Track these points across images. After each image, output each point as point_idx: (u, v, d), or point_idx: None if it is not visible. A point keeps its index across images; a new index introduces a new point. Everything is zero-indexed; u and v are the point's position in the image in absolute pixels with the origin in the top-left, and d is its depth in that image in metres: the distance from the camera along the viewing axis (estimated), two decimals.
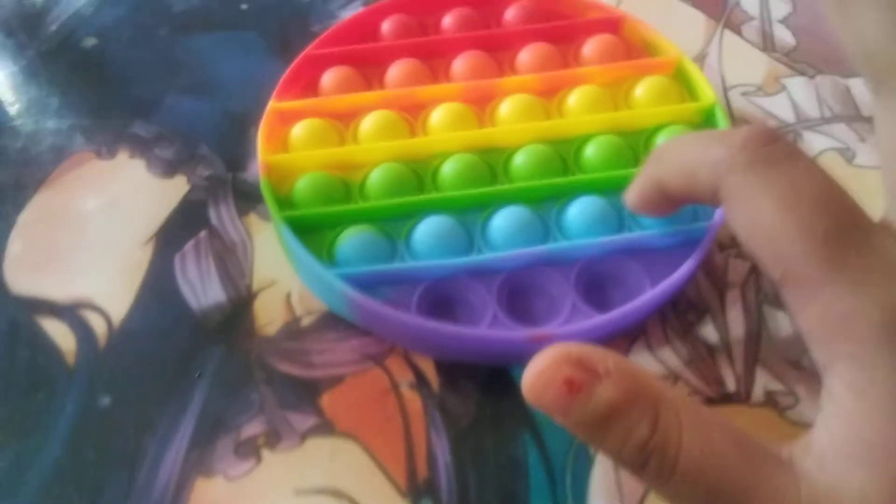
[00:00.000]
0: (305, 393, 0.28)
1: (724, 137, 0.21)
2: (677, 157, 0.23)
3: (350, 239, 0.29)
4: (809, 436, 0.19)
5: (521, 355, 0.28)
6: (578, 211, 0.30)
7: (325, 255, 0.30)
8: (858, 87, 0.38)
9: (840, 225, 0.18)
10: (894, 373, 0.17)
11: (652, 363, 0.29)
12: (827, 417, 0.18)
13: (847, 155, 0.35)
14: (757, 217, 0.19)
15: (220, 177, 0.34)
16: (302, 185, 0.31)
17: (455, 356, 0.29)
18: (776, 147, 0.20)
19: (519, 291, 0.29)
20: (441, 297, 0.29)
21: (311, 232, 0.30)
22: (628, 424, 0.18)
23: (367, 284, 0.28)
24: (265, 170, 0.31)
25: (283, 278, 0.31)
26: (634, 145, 0.33)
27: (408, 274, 0.29)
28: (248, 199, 0.34)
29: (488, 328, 0.28)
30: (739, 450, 0.18)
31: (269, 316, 0.30)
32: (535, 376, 0.19)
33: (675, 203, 0.26)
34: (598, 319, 0.27)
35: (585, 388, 0.18)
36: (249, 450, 0.27)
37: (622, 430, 0.18)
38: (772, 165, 0.20)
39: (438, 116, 0.33)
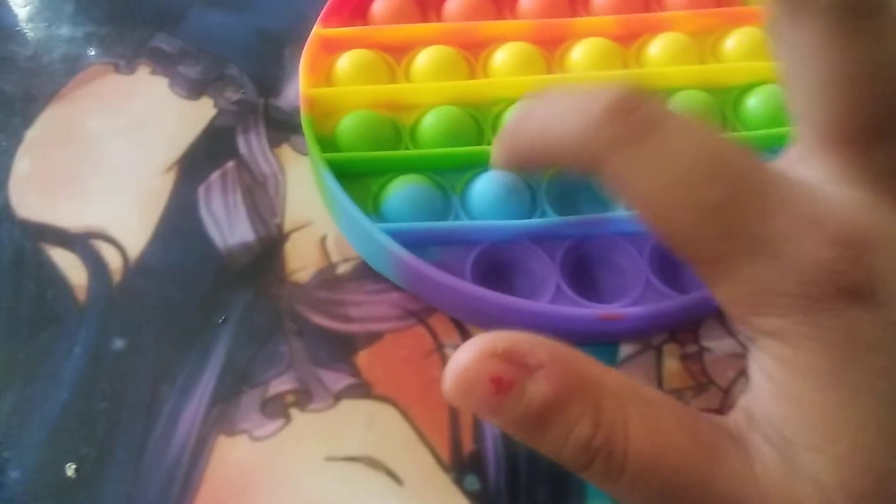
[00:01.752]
0: (340, 349, 0.26)
1: (585, 106, 0.18)
2: (538, 128, 0.20)
3: (400, 190, 0.26)
4: (748, 404, 0.17)
5: (588, 335, 0.25)
6: None
7: (370, 205, 0.26)
8: None
9: (731, 191, 0.16)
10: (822, 345, 0.15)
11: (729, 344, 0.26)
12: (762, 394, 0.17)
13: None
14: (641, 198, 0.17)
15: (250, 102, 0.31)
16: (347, 125, 0.27)
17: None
18: (643, 114, 0.17)
19: (586, 262, 0.26)
20: (497, 263, 0.26)
21: (355, 178, 0.27)
22: (567, 423, 0.16)
23: (414, 243, 0.25)
24: (307, 104, 0.28)
25: (317, 219, 0.28)
26: (722, 104, 0.29)
27: (463, 234, 0.26)
28: (281, 128, 0.30)
29: (550, 302, 0.25)
30: (692, 437, 0.16)
31: (301, 260, 0.27)
32: (457, 376, 0.16)
33: (541, 168, 0.23)
34: (675, 301, 0.24)
35: (515, 386, 0.16)
36: (277, 408, 0.25)
37: (560, 430, 0.16)
38: (643, 138, 0.17)
39: (502, 57, 0.29)
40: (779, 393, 0.16)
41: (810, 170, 0.18)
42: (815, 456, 0.15)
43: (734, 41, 0.30)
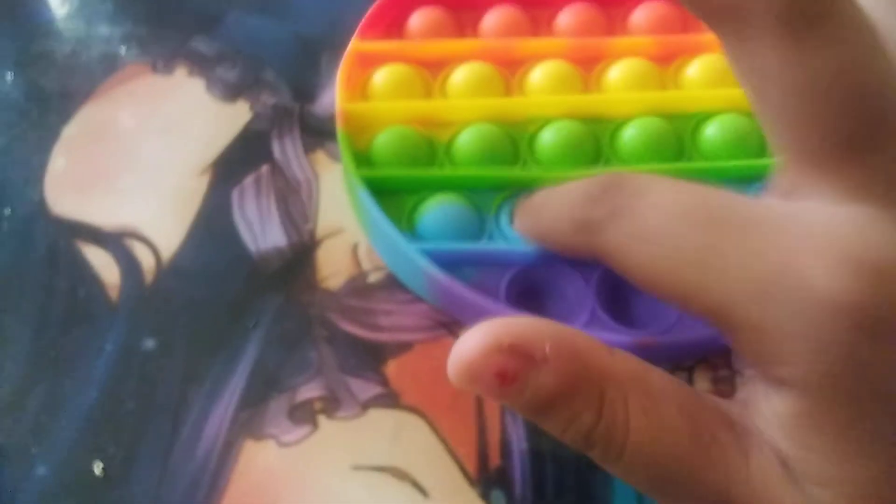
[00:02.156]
0: (369, 358, 0.26)
1: (577, 197, 0.20)
2: (544, 226, 0.22)
3: (434, 209, 0.26)
4: (752, 412, 0.17)
5: None
6: None
7: (405, 223, 0.26)
8: None
9: (708, 232, 0.16)
10: (841, 398, 0.15)
11: None
12: (768, 423, 0.16)
13: None
14: (635, 269, 0.18)
15: (286, 106, 0.31)
16: (383, 140, 0.27)
17: None
18: (622, 192, 0.18)
19: (621, 287, 0.26)
20: (532, 286, 0.26)
21: (390, 195, 0.26)
22: (570, 413, 0.16)
23: (449, 263, 0.25)
24: (343, 119, 0.27)
25: (349, 227, 0.28)
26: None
27: (498, 256, 0.25)
28: (316, 134, 0.30)
29: (584, 327, 0.24)
30: (691, 429, 0.16)
31: (332, 267, 0.27)
32: (462, 366, 0.16)
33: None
34: (711, 329, 0.24)
35: (520, 378, 0.16)
36: (305, 415, 0.25)
37: (563, 419, 0.16)
38: (625, 213, 0.18)
39: (539, 75, 0.29)
40: (788, 435, 0.16)
41: (802, 195, 0.17)
42: (820, 490, 0.15)
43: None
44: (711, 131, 0.28)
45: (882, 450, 0.15)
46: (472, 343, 0.16)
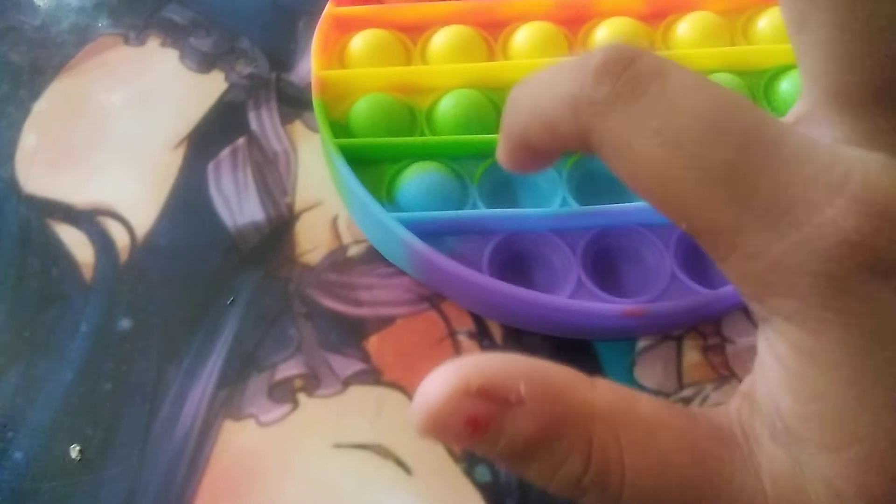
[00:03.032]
0: (350, 333, 0.25)
1: (575, 70, 0.16)
2: (530, 106, 0.18)
3: (415, 178, 0.25)
4: (753, 390, 0.16)
5: (609, 331, 0.24)
6: None
7: (384, 193, 0.26)
8: None
9: (740, 151, 0.14)
10: (846, 334, 0.14)
11: (754, 336, 0.25)
12: (772, 380, 0.15)
13: None
14: (638, 164, 0.15)
15: (262, 76, 0.30)
16: (360, 108, 0.26)
17: (529, 326, 0.25)
18: (637, 69, 0.15)
19: (608, 254, 0.25)
20: (516, 255, 0.25)
21: (369, 164, 0.26)
22: (554, 459, 0.14)
23: (430, 233, 0.24)
24: (319, 87, 0.27)
25: (329, 199, 0.27)
26: (753, 88, 0.28)
27: (480, 224, 0.25)
28: (293, 104, 0.30)
29: (571, 296, 0.24)
30: (692, 452, 0.15)
31: (311, 241, 0.27)
32: (428, 415, 0.14)
33: (551, 156, 0.20)
34: (702, 297, 0.23)
35: (493, 424, 0.14)
36: (284, 393, 0.24)
37: (547, 466, 0.15)
38: (638, 95, 0.15)
39: (523, 37, 0.28)
40: (793, 384, 0.15)
41: (820, 129, 0.16)
42: (830, 457, 0.14)
43: (767, 21, 0.29)
44: None
45: (893, 400, 0.14)
46: (436, 387, 0.14)
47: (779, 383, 0.15)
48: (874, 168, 0.14)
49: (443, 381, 0.14)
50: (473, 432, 0.14)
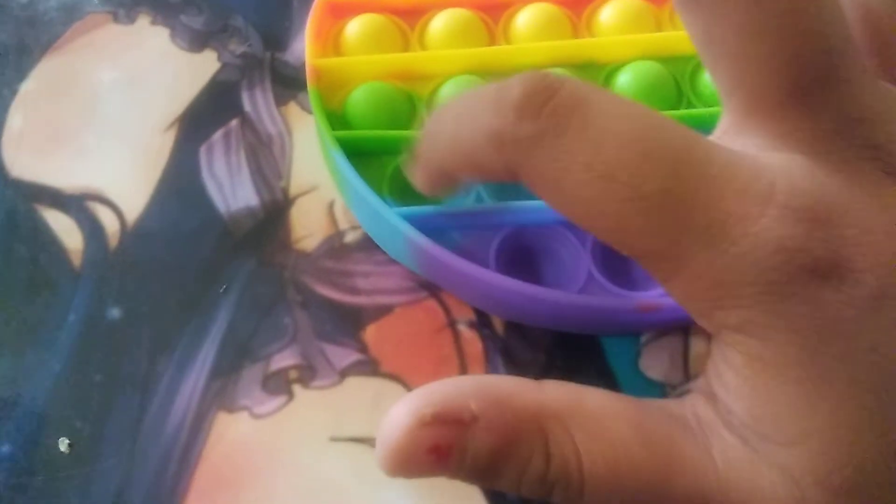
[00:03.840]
0: (347, 323, 0.24)
1: (495, 103, 0.16)
2: (449, 139, 0.18)
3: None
4: (711, 390, 0.16)
5: (621, 326, 0.23)
6: None
7: (385, 187, 0.25)
8: None
9: (671, 176, 0.15)
10: (793, 336, 0.14)
11: None
12: (727, 384, 0.16)
13: None
14: (572, 199, 0.15)
15: (256, 55, 0.29)
16: (358, 98, 0.25)
17: (538, 323, 0.24)
18: (558, 101, 0.15)
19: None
20: (523, 249, 0.24)
21: (368, 157, 0.25)
22: (518, 464, 0.15)
23: (433, 228, 0.23)
24: (314, 76, 0.26)
25: (325, 183, 0.27)
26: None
27: (486, 217, 0.24)
28: (288, 84, 0.29)
29: (581, 291, 0.23)
30: (645, 441, 0.16)
31: (307, 227, 0.26)
32: (391, 455, 0.15)
33: (473, 182, 0.21)
34: None
35: (455, 447, 0.15)
36: (279, 384, 0.23)
37: (513, 471, 0.15)
38: (562, 129, 0.15)
39: (525, 20, 0.27)
40: (747, 389, 0.15)
41: (743, 139, 0.16)
42: (788, 450, 0.15)
43: None
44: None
45: (846, 392, 0.14)
46: (393, 426, 0.15)
47: (734, 389, 0.15)
48: (797, 172, 0.15)
49: (397, 419, 0.15)
50: (438, 459, 0.15)
